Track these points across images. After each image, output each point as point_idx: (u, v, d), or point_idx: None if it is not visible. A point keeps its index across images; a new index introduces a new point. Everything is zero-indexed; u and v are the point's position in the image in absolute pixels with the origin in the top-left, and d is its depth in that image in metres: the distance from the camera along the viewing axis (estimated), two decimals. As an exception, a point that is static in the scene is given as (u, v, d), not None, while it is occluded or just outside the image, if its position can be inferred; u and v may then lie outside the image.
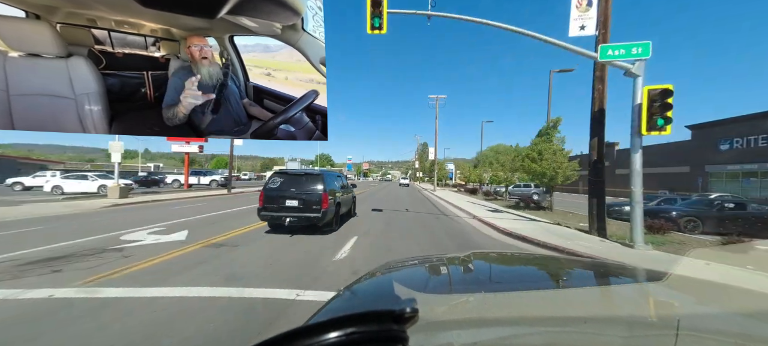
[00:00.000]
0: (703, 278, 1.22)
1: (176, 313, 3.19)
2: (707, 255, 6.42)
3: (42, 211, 11.07)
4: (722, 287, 1.17)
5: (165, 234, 7.39)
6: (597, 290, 1.18)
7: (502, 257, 1.89)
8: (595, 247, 6.72)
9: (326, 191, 7.59)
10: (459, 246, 7.15)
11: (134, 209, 12.74)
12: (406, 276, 1.37)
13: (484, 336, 0.77)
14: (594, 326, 0.81)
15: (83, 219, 9.63)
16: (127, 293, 3.71)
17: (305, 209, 7.38)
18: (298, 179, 7.84)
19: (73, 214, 10.64)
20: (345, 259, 5.55)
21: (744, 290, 1.11)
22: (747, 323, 0.87)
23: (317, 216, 7.32)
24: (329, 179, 8.27)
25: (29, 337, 2.72)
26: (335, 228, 8.26)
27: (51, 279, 4.18)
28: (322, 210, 7.35)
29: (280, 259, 5.40)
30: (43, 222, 8.90)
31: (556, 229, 9.21)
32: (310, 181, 7.71)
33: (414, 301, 0.95)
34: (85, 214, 10.78)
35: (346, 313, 0.49)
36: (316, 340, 0.45)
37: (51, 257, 5.27)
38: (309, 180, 7.74)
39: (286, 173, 8.18)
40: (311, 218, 7.32)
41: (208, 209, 12.84)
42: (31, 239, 6.68)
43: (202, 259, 5.30)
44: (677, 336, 0.71)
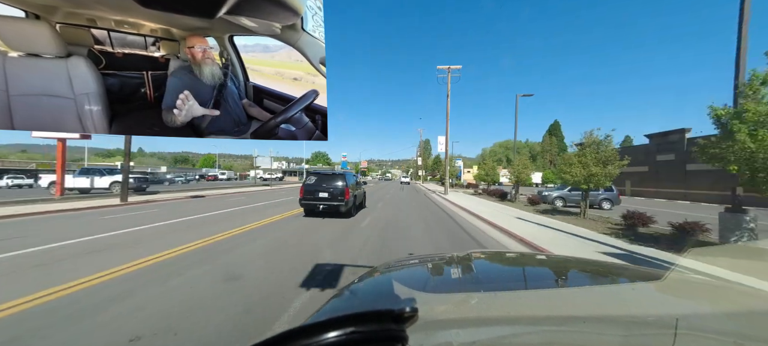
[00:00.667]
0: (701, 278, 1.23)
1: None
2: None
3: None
4: (721, 286, 1.17)
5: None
6: (595, 290, 1.18)
7: (501, 256, 1.90)
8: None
9: (348, 186, 10.43)
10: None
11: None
12: (405, 275, 1.37)
13: (483, 335, 0.77)
14: (593, 326, 0.82)
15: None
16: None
17: (332, 199, 10.28)
18: (327, 177, 10.83)
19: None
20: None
21: (742, 289, 1.11)
22: (745, 323, 0.87)
23: (341, 204, 10.23)
24: (349, 178, 11.13)
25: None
26: (353, 214, 11.22)
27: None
28: (345, 200, 10.25)
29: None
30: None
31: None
32: (336, 179, 10.64)
33: (413, 300, 0.95)
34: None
35: (346, 312, 0.49)
36: (315, 339, 0.45)
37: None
38: (335, 178, 10.67)
39: (318, 173, 11.32)
40: (338, 206, 10.25)
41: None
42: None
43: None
44: (676, 335, 0.71)
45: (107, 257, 5.43)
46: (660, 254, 6.38)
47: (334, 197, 10.25)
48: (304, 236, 7.61)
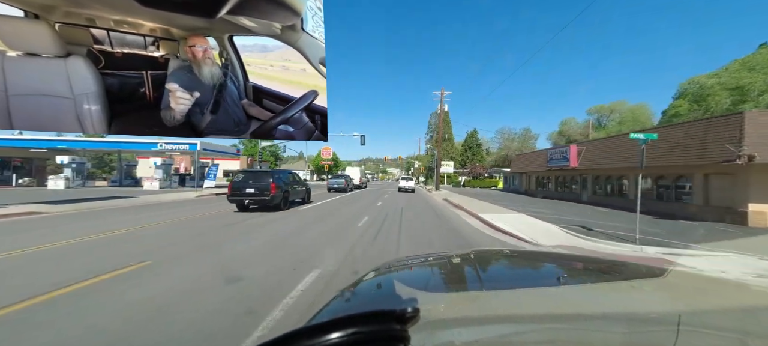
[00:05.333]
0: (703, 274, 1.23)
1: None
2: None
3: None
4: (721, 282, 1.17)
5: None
6: (597, 287, 1.18)
7: (503, 255, 1.90)
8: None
9: (274, 182, 11.04)
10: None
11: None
12: (407, 275, 1.37)
13: (485, 334, 0.77)
14: (594, 323, 0.82)
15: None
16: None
17: (259, 194, 10.85)
18: (254, 174, 11.65)
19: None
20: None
21: (743, 285, 1.12)
22: (747, 319, 0.87)
23: (267, 198, 10.79)
24: (283, 175, 12.23)
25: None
26: (284, 208, 11.57)
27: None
28: (271, 195, 10.81)
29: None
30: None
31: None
32: (264, 176, 11.40)
33: (415, 300, 0.95)
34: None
35: (348, 313, 0.49)
36: (317, 341, 0.45)
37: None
38: (262, 176, 11.44)
39: (246, 171, 12.21)
40: (264, 199, 10.81)
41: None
42: None
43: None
44: (678, 332, 0.71)
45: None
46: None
47: (260, 192, 10.92)
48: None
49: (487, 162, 54.11)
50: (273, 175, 11.56)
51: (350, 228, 7.69)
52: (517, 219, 9.53)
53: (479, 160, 53.53)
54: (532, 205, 15.90)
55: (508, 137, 57.01)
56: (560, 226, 8.44)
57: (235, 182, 11.34)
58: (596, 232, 7.90)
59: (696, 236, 7.80)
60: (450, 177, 50.26)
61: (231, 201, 11.14)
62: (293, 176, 13.93)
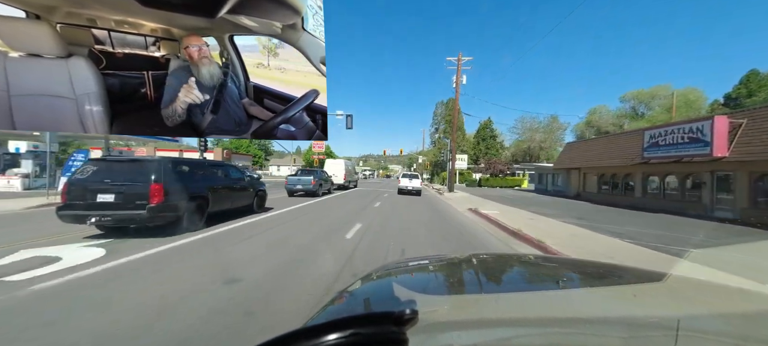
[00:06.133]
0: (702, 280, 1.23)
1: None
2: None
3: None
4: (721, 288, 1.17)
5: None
6: (597, 291, 1.18)
7: (502, 258, 1.90)
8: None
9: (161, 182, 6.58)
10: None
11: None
12: (405, 278, 1.37)
13: (483, 337, 0.77)
14: (594, 327, 0.81)
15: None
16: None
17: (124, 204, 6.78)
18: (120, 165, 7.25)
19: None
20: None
21: (743, 290, 1.11)
22: (746, 324, 0.87)
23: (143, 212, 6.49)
24: (233, 172, 9.23)
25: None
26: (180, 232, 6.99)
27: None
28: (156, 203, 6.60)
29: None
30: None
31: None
32: (137, 169, 6.99)
33: (414, 302, 0.95)
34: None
35: (346, 315, 0.49)
36: (315, 342, 0.45)
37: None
38: (135, 169, 7.01)
39: (106, 159, 7.62)
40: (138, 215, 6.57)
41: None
42: None
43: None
44: (677, 337, 0.71)
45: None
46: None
47: (127, 201, 6.54)
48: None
49: (503, 156, 47.30)
50: (156, 167, 6.37)
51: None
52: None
53: (494, 153, 46.20)
54: (658, 227, 8.85)
55: (531, 128, 48.65)
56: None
57: (75, 181, 6.03)
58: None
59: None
60: (463, 174, 41.04)
61: (63, 218, 5.73)
62: (219, 170, 8.57)
